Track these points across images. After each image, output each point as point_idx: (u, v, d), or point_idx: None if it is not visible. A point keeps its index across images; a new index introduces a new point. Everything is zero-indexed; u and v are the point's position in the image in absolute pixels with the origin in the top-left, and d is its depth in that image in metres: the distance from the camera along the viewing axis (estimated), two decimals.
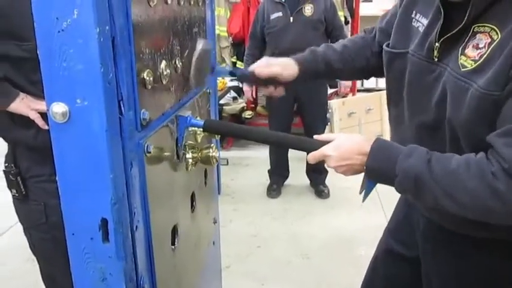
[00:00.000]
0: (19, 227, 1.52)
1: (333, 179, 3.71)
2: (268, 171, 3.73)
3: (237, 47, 4.91)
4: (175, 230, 1.00)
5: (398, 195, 1.40)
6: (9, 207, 1.49)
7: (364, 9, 5.28)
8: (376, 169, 0.91)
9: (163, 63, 0.88)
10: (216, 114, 1.48)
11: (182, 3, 1.01)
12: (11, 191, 1.42)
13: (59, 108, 0.66)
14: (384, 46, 1.11)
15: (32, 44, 0.67)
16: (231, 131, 1.14)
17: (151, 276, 0.85)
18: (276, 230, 3.11)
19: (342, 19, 4.67)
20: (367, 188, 0.99)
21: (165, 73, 0.88)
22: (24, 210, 1.45)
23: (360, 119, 4.51)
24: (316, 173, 3.66)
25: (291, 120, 3.64)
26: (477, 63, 0.83)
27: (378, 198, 3.41)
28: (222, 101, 4.43)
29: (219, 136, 1.19)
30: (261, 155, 3.97)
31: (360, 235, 2.96)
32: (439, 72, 0.93)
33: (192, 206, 1.15)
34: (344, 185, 3.76)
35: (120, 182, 0.71)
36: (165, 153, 0.91)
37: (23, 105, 1.29)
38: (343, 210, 3.35)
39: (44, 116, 1.29)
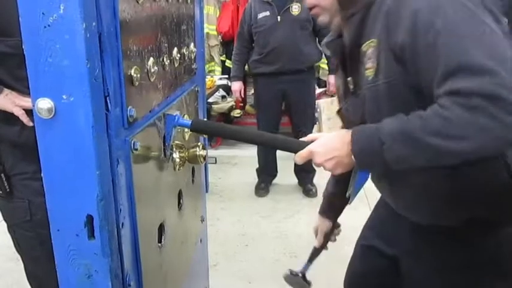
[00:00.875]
0: (2, 226, 1.50)
1: (320, 178, 3.73)
2: (257, 170, 3.74)
3: (226, 45, 4.91)
4: (162, 227, 1.00)
5: None
6: None
7: None
8: (362, 149, 0.91)
9: (151, 60, 0.88)
10: (204, 112, 1.48)
11: (170, 0, 1.01)
12: None
13: (44, 104, 0.66)
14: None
15: (17, 39, 0.67)
16: (218, 131, 1.15)
17: (137, 273, 0.85)
18: (264, 228, 3.12)
19: None
20: (356, 184, 0.98)
21: (152, 70, 0.88)
22: (9, 208, 1.43)
23: None
24: (304, 172, 3.67)
25: (279, 119, 3.65)
26: (375, 67, 0.97)
27: (365, 197, 3.44)
28: (210, 100, 4.43)
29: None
30: (249, 153, 3.97)
31: (347, 233, 2.96)
32: (362, 97, 1.04)
33: (179, 204, 1.15)
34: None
35: (106, 179, 0.71)
36: (152, 151, 0.91)
37: (8, 101, 1.27)
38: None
39: (28, 112, 1.28)
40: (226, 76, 4.67)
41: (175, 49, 1.07)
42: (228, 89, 4.71)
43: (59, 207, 0.71)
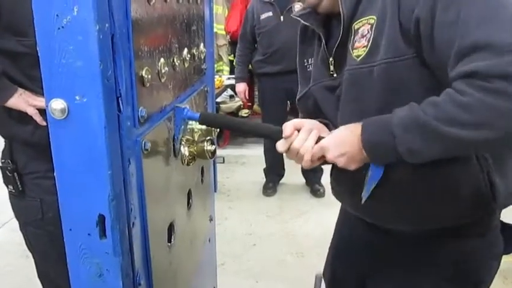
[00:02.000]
0: (14, 223, 1.52)
1: (328, 178, 3.73)
2: (264, 169, 3.75)
3: (235, 45, 4.92)
4: (172, 227, 1.00)
5: None
6: (4, 203, 1.49)
7: None
8: (374, 142, 0.85)
9: (162, 60, 0.88)
10: (214, 112, 1.48)
11: (181, 1, 1.02)
12: (8, 187, 1.42)
13: (57, 105, 0.66)
14: (297, 100, 1.17)
15: (32, 40, 0.68)
16: (226, 123, 1.13)
17: (147, 272, 0.85)
18: (271, 228, 3.12)
19: None
20: (369, 179, 0.91)
21: (163, 71, 0.88)
22: (21, 206, 1.45)
23: None
24: (312, 171, 3.67)
25: (285, 119, 3.65)
26: (369, 46, 0.88)
27: None
28: (218, 99, 4.44)
29: (216, 133, 1.20)
30: (257, 153, 3.98)
31: None
32: (339, 82, 0.97)
33: (189, 204, 1.16)
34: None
35: (117, 179, 0.71)
36: (162, 151, 0.92)
37: (21, 100, 1.29)
38: (338, 209, 3.37)
39: (42, 112, 1.29)
40: (234, 76, 4.70)
41: (186, 49, 1.07)
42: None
43: (71, 206, 0.71)
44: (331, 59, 1.00)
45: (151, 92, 0.83)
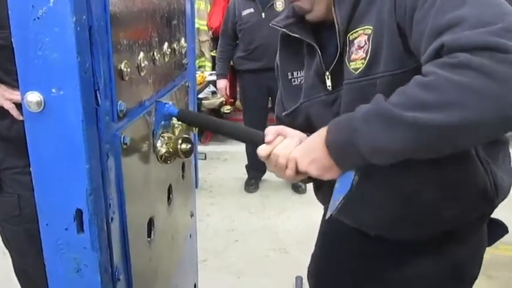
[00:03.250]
0: None
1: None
2: (246, 166, 3.75)
3: (217, 41, 4.91)
4: (152, 222, 1.00)
5: None
6: None
7: None
8: (335, 140, 0.76)
9: (141, 54, 0.87)
10: (195, 107, 1.48)
11: None
12: None
13: (33, 97, 0.65)
14: (283, 115, 1.09)
15: (7, 32, 0.66)
16: (205, 123, 1.10)
17: (126, 268, 0.84)
18: (254, 224, 3.13)
19: None
20: (335, 194, 0.82)
21: (143, 65, 0.87)
22: None
23: None
24: None
25: (266, 116, 3.66)
26: (368, 58, 0.82)
27: None
28: (201, 95, 4.42)
29: (197, 130, 1.19)
30: (239, 149, 3.98)
31: None
32: (336, 96, 0.91)
33: (169, 199, 1.15)
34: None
35: (95, 173, 0.71)
36: (142, 145, 0.91)
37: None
38: (319, 205, 3.39)
39: (18, 106, 1.26)
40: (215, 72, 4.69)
41: (166, 44, 1.06)
42: None
43: (48, 201, 0.70)
44: (327, 73, 0.93)
45: (130, 86, 0.82)
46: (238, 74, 3.81)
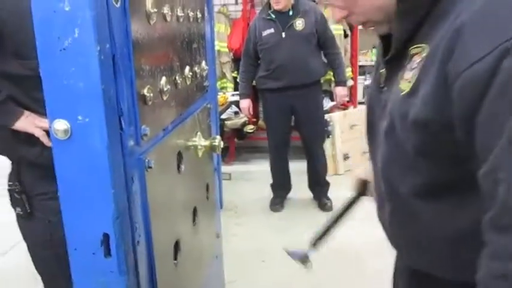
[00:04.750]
0: (21, 246, 1.52)
1: (335, 192, 3.69)
2: (271, 185, 3.73)
3: (238, 62, 4.96)
4: (178, 244, 1.00)
5: None
6: (11, 226, 1.50)
7: None
8: None
9: (164, 79, 0.89)
10: (217, 128, 1.49)
11: (181, 20, 1.03)
12: (15, 209, 1.43)
13: (60, 125, 0.67)
14: None
15: (35, 62, 0.69)
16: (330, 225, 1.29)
17: None
18: (280, 243, 3.09)
19: (341, 32, 4.70)
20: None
21: (165, 89, 0.89)
22: (29, 228, 1.45)
23: (361, 131, 4.50)
24: (319, 186, 3.65)
25: (289, 134, 3.64)
26: (411, 84, 0.77)
27: None
28: (223, 116, 4.45)
29: (220, 149, 1.21)
30: (263, 168, 3.97)
31: (365, 248, 2.93)
32: (385, 100, 0.88)
33: (194, 221, 1.16)
34: (347, 197, 3.76)
35: (121, 197, 0.72)
36: (166, 168, 0.92)
37: (28, 123, 1.31)
38: (347, 223, 3.33)
39: (48, 133, 1.30)
40: (239, 92, 4.72)
41: (187, 67, 1.09)
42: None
43: (75, 226, 0.72)
44: (382, 70, 0.91)
45: (153, 110, 0.84)
46: (260, 93, 3.83)
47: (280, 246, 3.11)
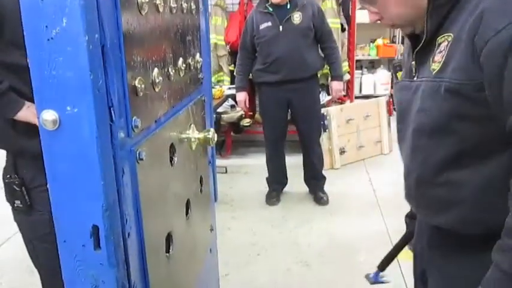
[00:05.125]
0: (15, 239, 1.51)
1: (331, 186, 3.70)
2: (267, 178, 3.73)
3: (235, 55, 4.92)
4: (170, 237, 0.99)
5: (398, 202, 1.42)
6: (5, 219, 1.49)
7: (361, 17, 5.30)
8: None
9: (156, 70, 0.88)
10: (212, 121, 1.48)
11: (175, 11, 1.02)
12: (14, 203, 1.42)
13: (49, 116, 0.67)
14: None
15: None
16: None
17: (144, 283, 0.84)
18: (275, 237, 3.10)
19: (338, 26, 4.69)
20: None
21: (157, 81, 0.88)
22: (28, 221, 1.44)
23: (358, 125, 4.51)
24: (314, 179, 3.65)
25: (286, 128, 3.64)
26: (441, 62, 0.94)
27: (377, 204, 3.40)
28: (220, 109, 4.43)
29: (213, 142, 1.20)
30: (260, 162, 3.96)
31: (360, 242, 2.95)
32: (416, 86, 1.02)
33: (187, 213, 1.15)
34: (343, 192, 3.76)
35: (111, 189, 0.71)
36: (158, 160, 0.91)
37: (30, 113, 1.31)
38: (342, 217, 3.34)
39: None
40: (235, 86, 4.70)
41: (181, 59, 1.07)
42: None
43: (65, 218, 0.71)
44: (413, 63, 1.06)
45: (145, 102, 0.83)
46: (257, 86, 3.81)
47: (275, 240, 3.13)
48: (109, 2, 0.70)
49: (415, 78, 1.05)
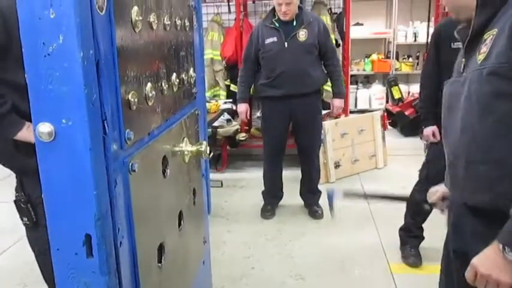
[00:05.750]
0: (13, 250, 1.53)
1: (326, 200, 3.71)
2: (262, 192, 3.74)
3: (231, 70, 4.95)
4: (162, 247, 1.01)
5: (392, 215, 1.48)
6: (2, 230, 1.51)
7: (355, 32, 5.36)
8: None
9: (149, 85, 0.91)
10: (205, 135, 1.51)
11: (168, 28, 1.06)
12: (23, 219, 1.45)
13: (45, 128, 0.69)
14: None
15: None
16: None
17: None
18: (270, 250, 3.10)
19: (333, 42, 4.74)
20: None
21: (150, 95, 0.91)
22: (36, 236, 1.48)
23: (352, 139, 4.55)
24: (310, 193, 3.67)
25: (285, 142, 3.62)
26: (486, 53, 1.08)
27: (372, 217, 3.41)
28: (216, 123, 4.45)
29: (207, 155, 1.23)
30: (255, 176, 3.98)
31: (354, 255, 2.95)
32: (464, 78, 1.15)
33: (180, 225, 1.17)
34: (338, 205, 3.76)
35: (103, 199, 0.73)
36: (151, 172, 0.94)
37: (30, 133, 1.33)
38: (336, 230, 3.34)
39: None
40: (231, 100, 4.70)
41: (174, 74, 1.11)
42: (233, 113, 4.73)
43: (59, 226, 0.73)
44: (463, 59, 1.20)
45: (138, 115, 0.86)
46: (260, 101, 3.74)
47: (270, 253, 3.13)
48: (104, 20, 0.73)
49: (463, 74, 1.17)
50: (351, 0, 4.76)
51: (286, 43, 3.31)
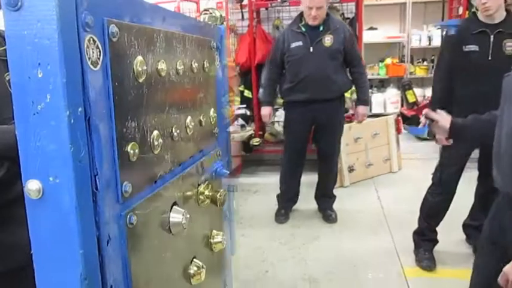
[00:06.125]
0: None
1: (340, 203, 3.43)
2: (277, 196, 3.47)
3: (244, 76, 4.56)
4: None
5: (405, 219, 1.42)
6: None
7: (369, 37, 4.83)
8: None
9: (155, 133, 0.75)
10: (230, 165, 1.27)
11: (181, 72, 0.88)
12: None
13: (33, 185, 0.55)
14: None
15: None
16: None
17: None
18: (284, 254, 2.89)
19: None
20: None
21: (156, 143, 0.75)
22: None
23: (366, 143, 4.09)
24: (325, 197, 3.39)
25: (306, 146, 3.27)
26: None
27: (386, 222, 3.10)
28: (230, 129, 4.21)
29: (222, 204, 1.02)
30: (269, 181, 3.75)
31: (367, 259, 2.67)
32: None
33: (192, 279, 0.90)
34: (352, 209, 3.44)
35: (91, 258, 0.58)
36: (155, 224, 0.76)
37: None
38: (350, 235, 3.06)
39: None
40: (245, 106, 4.38)
41: (189, 118, 0.92)
42: (247, 118, 4.42)
43: (47, 284, 0.59)
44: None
45: (139, 166, 0.70)
46: (284, 104, 3.35)
47: (284, 257, 2.92)
48: (98, 75, 0.59)
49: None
50: (364, 5, 4.22)
51: (311, 48, 2.97)
